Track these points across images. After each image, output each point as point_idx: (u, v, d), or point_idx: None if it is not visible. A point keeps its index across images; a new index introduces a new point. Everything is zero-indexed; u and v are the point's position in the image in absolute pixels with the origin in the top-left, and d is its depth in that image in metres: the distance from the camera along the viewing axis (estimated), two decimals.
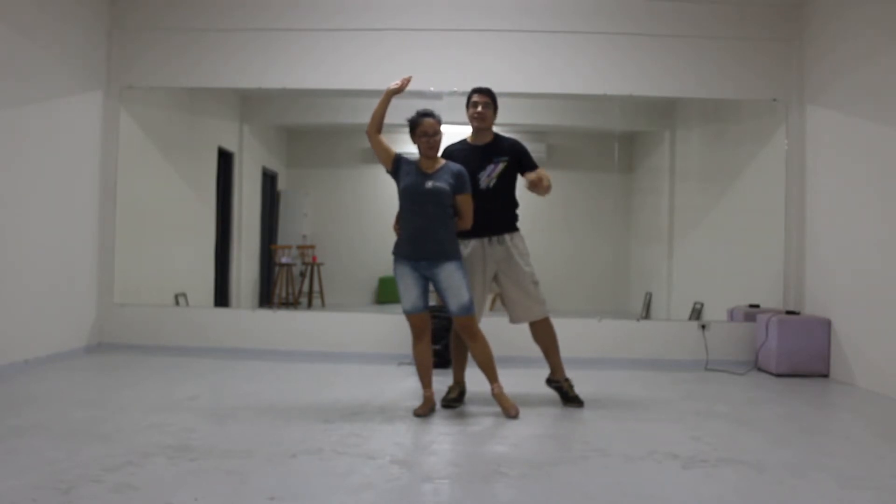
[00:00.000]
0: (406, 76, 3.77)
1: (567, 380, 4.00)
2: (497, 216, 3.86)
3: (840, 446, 3.28)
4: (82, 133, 5.38)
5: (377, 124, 3.73)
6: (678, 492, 2.58)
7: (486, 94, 3.94)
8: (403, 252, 3.68)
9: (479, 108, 3.88)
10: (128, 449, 2.89)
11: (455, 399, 3.88)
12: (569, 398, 3.95)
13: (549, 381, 4.05)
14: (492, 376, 3.73)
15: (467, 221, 3.73)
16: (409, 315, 3.70)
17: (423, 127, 3.69)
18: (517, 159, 3.89)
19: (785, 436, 3.48)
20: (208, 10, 5.67)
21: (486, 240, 3.85)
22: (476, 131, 3.96)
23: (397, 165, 3.76)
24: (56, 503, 2.32)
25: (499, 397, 3.70)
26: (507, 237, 3.87)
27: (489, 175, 3.84)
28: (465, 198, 3.70)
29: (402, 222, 3.74)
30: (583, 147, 7.04)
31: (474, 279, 3.82)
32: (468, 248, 3.83)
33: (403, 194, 3.69)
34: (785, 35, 5.57)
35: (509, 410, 3.64)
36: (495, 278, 3.93)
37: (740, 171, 6.24)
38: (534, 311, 3.92)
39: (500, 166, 3.85)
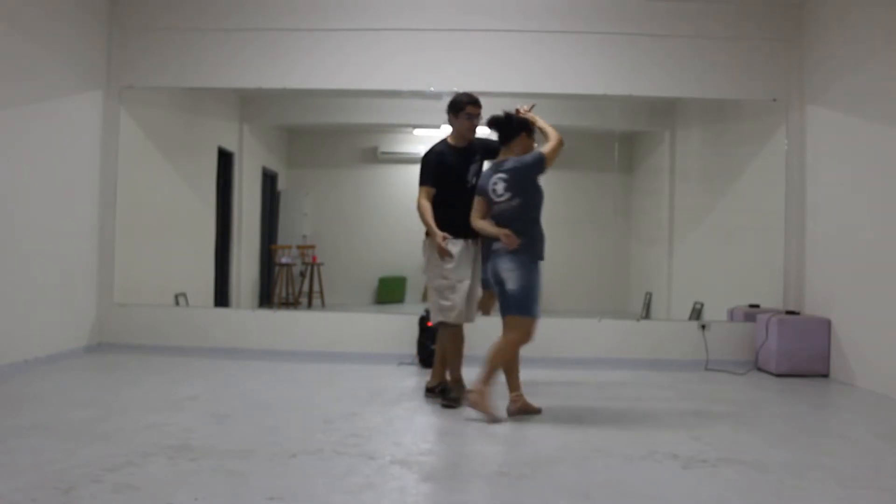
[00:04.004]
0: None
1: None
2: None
3: (840, 446, 3.28)
4: (82, 133, 5.38)
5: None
6: (678, 492, 2.58)
7: (479, 104, 3.99)
8: (543, 255, 3.69)
9: (475, 122, 3.96)
10: (128, 449, 2.88)
11: (456, 399, 3.88)
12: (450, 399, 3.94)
13: (435, 389, 4.05)
14: (513, 383, 3.71)
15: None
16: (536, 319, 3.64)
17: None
18: (484, 153, 4.00)
19: (785, 436, 3.48)
20: (208, 11, 5.67)
21: (470, 241, 3.94)
22: (462, 139, 4.01)
23: None
24: (56, 503, 2.32)
25: (521, 403, 3.70)
26: (479, 241, 3.96)
27: (473, 174, 3.97)
28: None
29: (538, 225, 3.67)
30: (583, 147, 7.03)
31: (460, 276, 3.86)
32: (458, 246, 3.87)
33: (542, 197, 3.71)
34: (785, 35, 5.57)
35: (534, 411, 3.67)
36: None
37: (740, 171, 6.24)
38: (473, 314, 4.04)
39: (476, 165, 3.99)
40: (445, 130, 4.10)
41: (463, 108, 3.90)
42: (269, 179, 7.59)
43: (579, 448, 3.10)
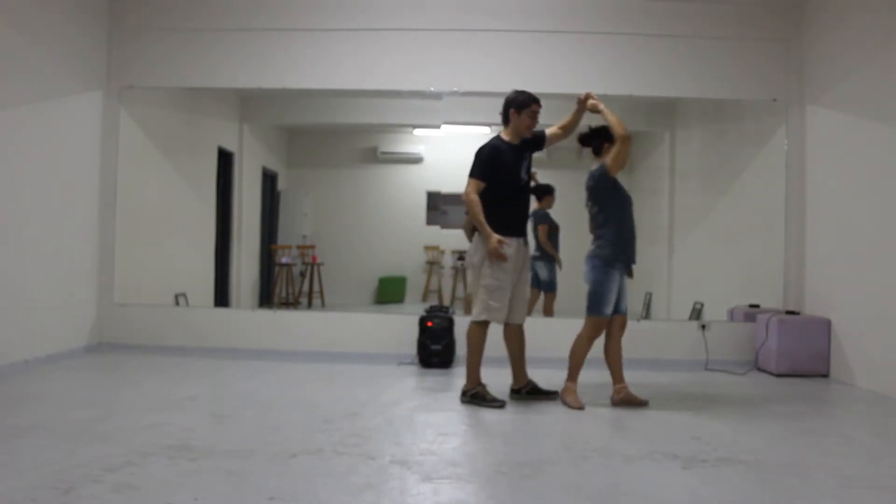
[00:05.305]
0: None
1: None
2: (527, 218, 4.05)
3: (840, 446, 3.28)
4: (82, 133, 5.38)
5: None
6: (678, 492, 2.58)
7: (541, 104, 4.03)
8: (625, 258, 3.91)
9: (536, 121, 4.01)
10: (128, 449, 2.88)
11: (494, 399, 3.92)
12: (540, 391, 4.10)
13: (521, 391, 4.10)
14: (618, 376, 3.97)
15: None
16: (608, 318, 3.92)
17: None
18: (531, 148, 4.05)
19: (785, 436, 3.48)
20: (208, 10, 5.67)
21: (522, 240, 3.98)
22: (518, 136, 4.02)
23: None
24: (56, 503, 2.32)
25: (624, 394, 3.93)
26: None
27: (525, 171, 4.01)
28: None
29: (619, 228, 3.89)
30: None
31: (511, 278, 3.89)
32: (512, 246, 3.87)
33: (626, 201, 3.94)
34: (785, 35, 5.57)
35: (640, 403, 3.91)
36: None
37: (740, 171, 6.24)
38: (525, 314, 4.09)
39: (527, 161, 4.04)
40: (445, 130, 4.11)
41: (528, 105, 3.92)
42: (269, 179, 7.60)
43: (579, 448, 3.10)
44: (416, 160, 8.03)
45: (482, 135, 7.38)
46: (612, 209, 3.91)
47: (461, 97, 5.64)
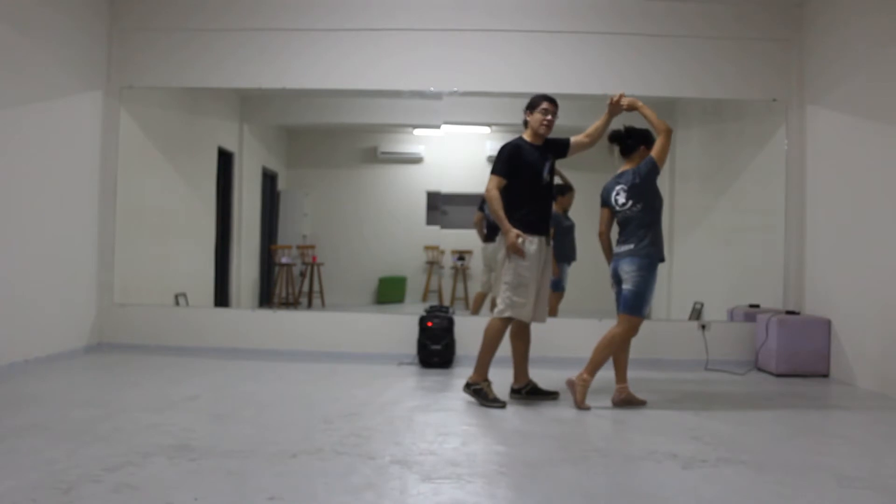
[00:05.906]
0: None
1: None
2: (550, 218, 4.03)
3: (840, 446, 3.28)
4: (82, 133, 5.38)
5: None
6: (678, 492, 2.58)
7: (555, 103, 4.04)
8: (663, 256, 3.97)
9: (549, 118, 4.00)
10: (128, 449, 2.88)
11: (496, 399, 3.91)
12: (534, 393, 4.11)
13: (521, 391, 4.10)
14: (622, 376, 4.00)
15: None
16: (644, 318, 3.94)
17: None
18: (554, 152, 4.06)
19: (785, 436, 3.48)
20: (208, 10, 5.67)
21: (545, 238, 3.97)
22: (537, 135, 4.03)
23: None
24: (56, 503, 2.32)
25: (625, 394, 3.95)
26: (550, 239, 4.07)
27: (548, 171, 4.01)
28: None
29: (659, 226, 3.94)
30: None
31: (534, 275, 3.88)
32: (534, 244, 3.88)
33: (662, 199, 4.00)
34: (785, 35, 5.57)
35: (639, 403, 3.96)
36: None
37: (740, 171, 6.24)
38: (546, 313, 4.11)
39: (550, 163, 4.03)
40: (445, 130, 4.11)
41: (539, 104, 3.97)
42: (269, 179, 7.60)
43: (579, 448, 3.10)
44: (416, 160, 8.03)
45: (482, 135, 7.41)
46: (655, 208, 3.95)
47: (461, 97, 5.64)
